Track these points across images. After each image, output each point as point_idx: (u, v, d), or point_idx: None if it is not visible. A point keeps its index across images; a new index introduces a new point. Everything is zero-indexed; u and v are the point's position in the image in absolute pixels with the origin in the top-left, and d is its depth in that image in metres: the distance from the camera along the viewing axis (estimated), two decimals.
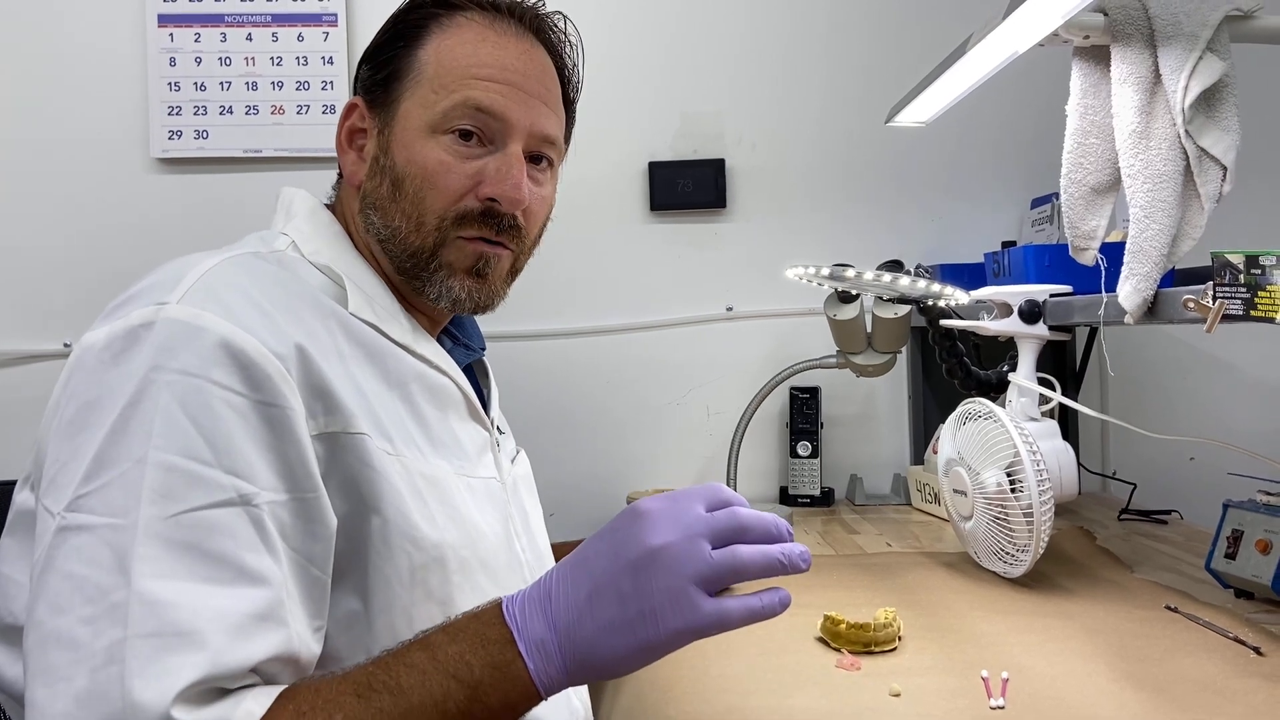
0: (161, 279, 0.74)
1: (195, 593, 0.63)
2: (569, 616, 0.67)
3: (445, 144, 0.86)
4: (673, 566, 0.66)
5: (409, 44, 0.89)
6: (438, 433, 0.85)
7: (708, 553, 0.67)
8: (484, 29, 0.89)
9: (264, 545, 0.67)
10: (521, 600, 0.69)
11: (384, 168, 0.88)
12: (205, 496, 0.65)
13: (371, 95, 0.90)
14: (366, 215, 0.89)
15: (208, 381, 0.67)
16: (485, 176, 0.87)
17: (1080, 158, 1.13)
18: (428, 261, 0.88)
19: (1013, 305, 1.31)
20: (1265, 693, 0.88)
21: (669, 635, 0.66)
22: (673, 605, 0.66)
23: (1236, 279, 0.93)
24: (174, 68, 1.89)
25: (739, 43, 1.97)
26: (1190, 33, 1.05)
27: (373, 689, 0.65)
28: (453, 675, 0.65)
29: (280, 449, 0.70)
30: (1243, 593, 1.15)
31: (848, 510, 1.83)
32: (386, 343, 0.83)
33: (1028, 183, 1.94)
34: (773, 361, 1.89)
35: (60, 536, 0.64)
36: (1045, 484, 1.15)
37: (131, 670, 0.59)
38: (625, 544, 0.68)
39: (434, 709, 0.64)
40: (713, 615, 0.66)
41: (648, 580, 0.66)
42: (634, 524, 0.68)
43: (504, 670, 0.66)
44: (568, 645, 0.67)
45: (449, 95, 0.86)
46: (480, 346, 1.04)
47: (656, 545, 0.66)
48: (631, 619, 0.66)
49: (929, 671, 0.96)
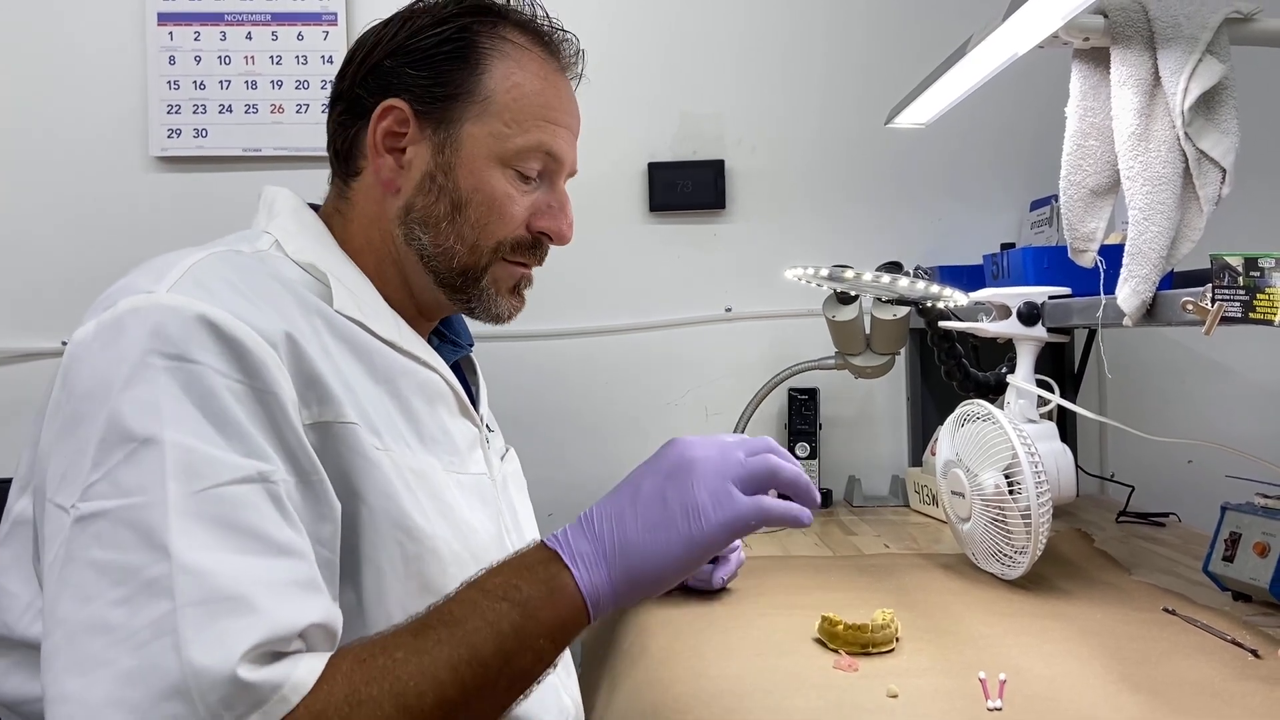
0: (146, 272, 0.74)
1: (235, 563, 0.63)
2: (612, 525, 0.71)
3: (509, 177, 0.90)
4: (712, 469, 0.72)
5: (469, 64, 0.88)
6: (428, 427, 0.85)
7: (744, 459, 0.74)
8: (543, 64, 0.92)
9: (286, 521, 0.67)
10: (563, 529, 0.73)
11: (442, 187, 0.88)
12: (226, 474, 0.65)
13: (423, 106, 0.89)
14: (409, 228, 0.89)
15: (206, 367, 0.67)
16: (539, 210, 0.92)
17: (1079, 160, 1.13)
18: (477, 279, 0.91)
19: (1011, 307, 1.31)
20: (1262, 695, 0.88)
21: (712, 529, 0.71)
22: (714, 500, 0.71)
23: (1235, 281, 0.93)
24: (173, 66, 1.89)
25: (739, 44, 1.97)
26: (1190, 35, 1.05)
27: (428, 625, 0.67)
28: (502, 598, 0.68)
29: (280, 433, 0.70)
30: (1240, 595, 1.15)
31: (845, 511, 1.83)
32: (372, 339, 0.83)
33: (1027, 185, 1.94)
34: (771, 362, 1.89)
35: (77, 527, 0.63)
36: (1043, 486, 1.15)
37: (186, 639, 0.59)
38: (665, 458, 0.74)
39: (488, 630, 0.67)
40: (752, 507, 0.72)
41: (688, 482, 0.72)
42: (671, 447, 0.75)
43: (551, 584, 0.69)
44: (612, 551, 0.70)
45: (524, 134, 0.89)
46: (468, 343, 1.03)
47: (696, 455, 0.73)
48: (674, 516, 0.71)
49: (926, 673, 0.96)
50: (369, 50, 0.92)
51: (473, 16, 0.90)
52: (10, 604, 0.73)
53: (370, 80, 0.90)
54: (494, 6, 0.91)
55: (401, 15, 0.92)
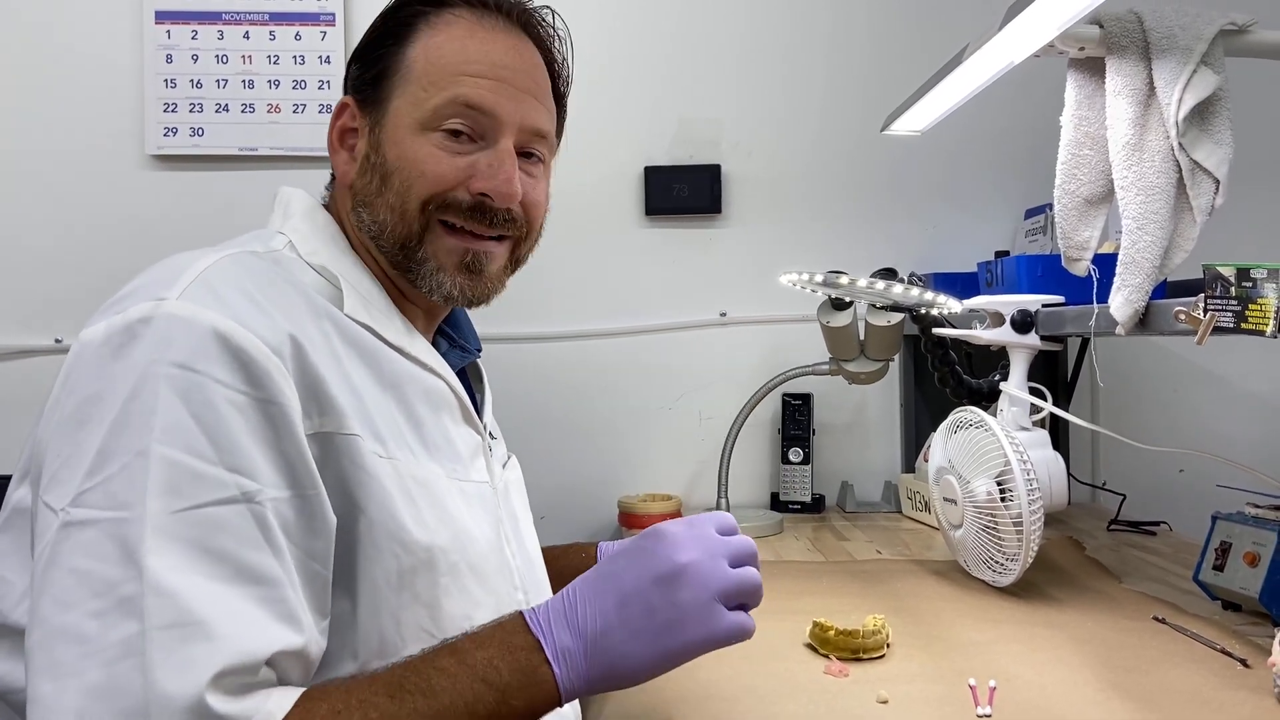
0: (160, 275, 0.74)
1: (204, 587, 0.63)
2: (595, 625, 0.71)
3: (436, 140, 0.86)
4: (698, 581, 0.72)
5: (398, 42, 0.89)
6: (431, 435, 0.85)
7: (728, 570, 0.74)
8: (472, 25, 0.89)
9: (267, 543, 0.67)
10: (545, 611, 0.73)
11: (374, 164, 0.88)
12: (209, 493, 0.65)
13: (361, 94, 0.90)
14: (358, 213, 0.89)
15: (207, 378, 0.67)
16: (477, 171, 0.87)
17: (1074, 169, 1.13)
18: (415, 251, 0.87)
19: (1005, 315, 1.32)
20: (1252, 704, 0.89)
21: (692, 644, 0.72)
22: (697, 616, 0.72)
23: (1228, 291, 0.93)
24: (170, 64, 1.89)
25: (736, 49, 1.97)
26: (1185, 46, 1.05)
27: (405, 690, 0.67)
28: (482, 679, 0.69)
29: (280, 446, 0.70)
30: (1230, 605, 1.15)
31: (838, 517, 1.83)
32: (381, 345, 0.83)
33: (1021, 193, 1.95)
34: (766, 367, 1.89)
35: (64, 532, 0.64)
36: (1035, 493, 1.15)
37: (154, 662, 0.60)
38: (653, 559, 0.74)
39: (464, 710, 0.67)
40: (733, 626, 0.73)
41: (675, 592, 0.72)
42: (659, 543, 0.75)
43: (530, 675, 0.70)
44: (594, 652, 0.71)
45: (439, 92, 0.86)
46: (476, 348, 1.03)
47: (684, 561, 0.73)
48: (658, 627, 0.71)
49: (917, 679, 0.96)
50: None
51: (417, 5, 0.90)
52: (6, 591, 0.73)
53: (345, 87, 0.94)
54: None
55: None
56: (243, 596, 0.64)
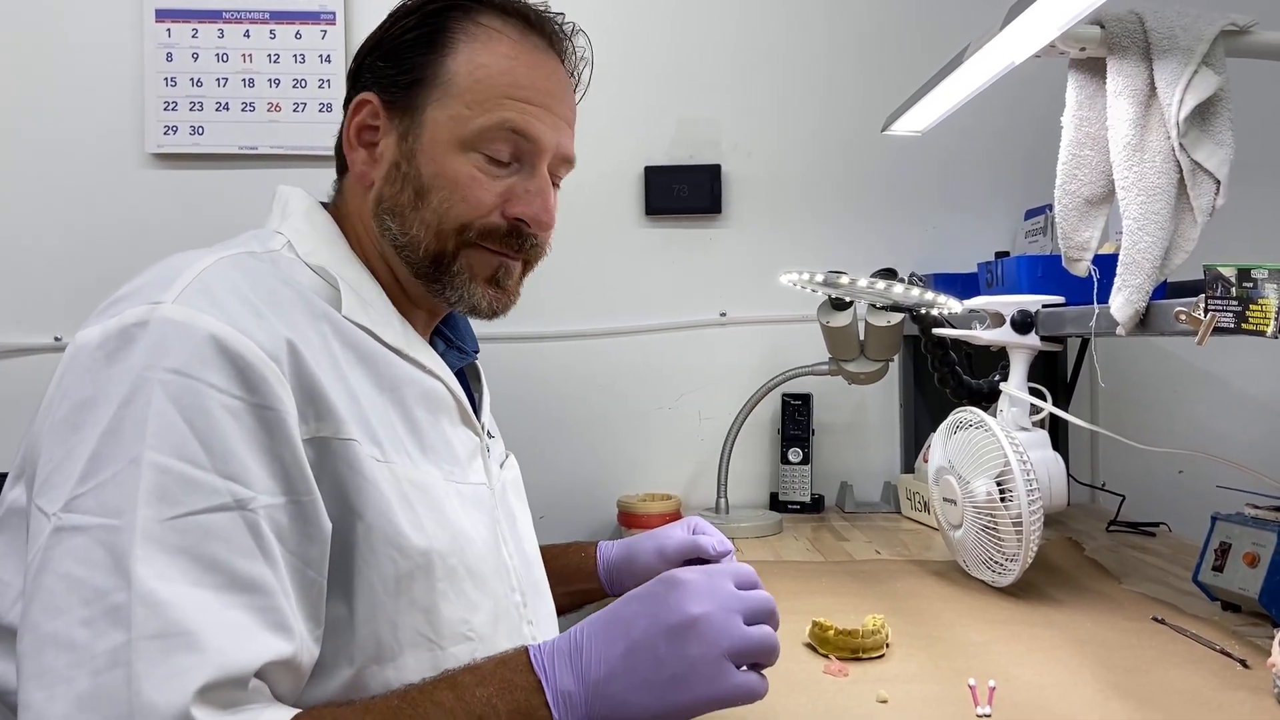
0: (156, 278, 0.73)
1: (193, 597, 0.63)
2: (599, 671, 0.69)
3: (475, 161, 0.86)
4: (710, 636, 0.70)
5: (436, 49, 0.87)
6: (429, 438, 0.84)
7: (742, 628, 0.71)
8: (515, 44, 0.88)
9: (260, 551, 0.66)
10: (550, 650, 0.71)
11: (406, 175, 0.87)
12: (201, 501, 0.65)
13: (390, 96, 0.88)
14: (381, 220, 0.88)
15: (203, 383, 0.67)
16: (514, 196, 0.88)
17: (1074, 169, 1.13)
18: (449, 265, 0.88)
19: (1005, 315, 1.32)
20: (1251, 705, 0.89)
21: (698, 701, 0.69)
22: (706, 673, 0.69)
23: (1229, 292, 0.93)
24: (170, 63, 1.89)
25: (736, 49, 1.97)
26: (1186, 47, 1.05)
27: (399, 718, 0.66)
28: (478, 716, 0.67)
29: (276, 451, 0.69)
30: (1230, 605, 1.15)
31: (837, 517, 1.83)
32: (379, 347, 0.83)
33: (1022, 194, 1.95)
34: (765, 367, 1.89)
35: (56, 537, 0.63)
36: (1035, 494, 1.15)
37: (139, 672, 0.59)
38: (665, 608, 0.71)
39: None
40: (742, 688, 0.70)
41: (684, 646, 0.69)
42: (673, 591, 0.72)
43: (528, 717, 0.68)
44: (596, 699, 0.69)
45: (485, 114, 0.86)
46: (474, 349, 1.03)
47: (696, 614, 0.70)
48: (665, 681, 0.69)
49: (916, 679, 0.96)
50: (359, 51, 0.93)
51: (449, 5, 0.89)
52: (3, 591, 0.73)
53: (356, 79, 0.92)
54: None
55: (392, 13, 0.92)
56: (233, 605, 0.64)
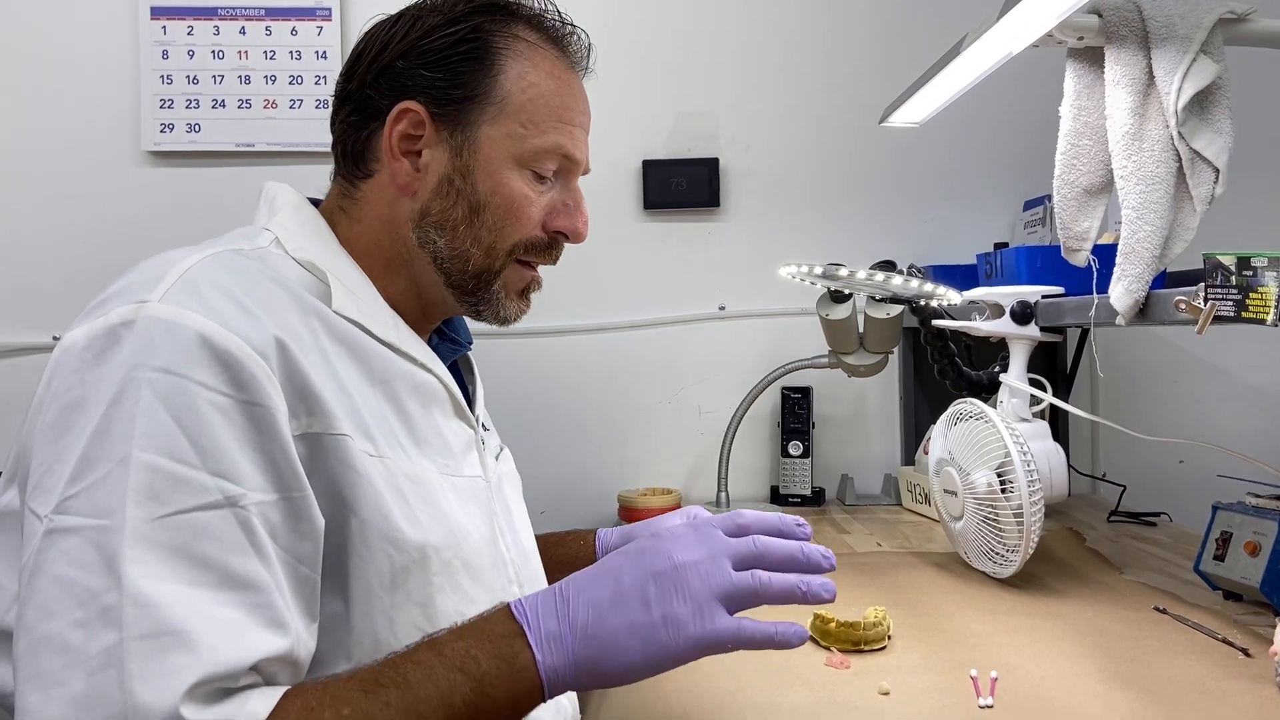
0: (142, 277, 0.73)
1: (185, 595, 0.63)
2: (588, 615, 0.69)
3: (527, 178, 0.89)
4: (697, 580, 0.70)
5: (485, 65, 0.87)
6: (423, 431, 0.84)
7: (730, 572, 0.71)
8: (556, 63, 0.91)
9: (252, 548, 0.66)
10: (533, 600, 0.71)
11: (460, 191, 0.87)
12: (191, 499, 0.65)
13: (439, 109, 0.87)
14: (425, 232, 0.88)
15: (191, 381, 0.67)
16: (555, 210, 0.91)
17: (1073, 159, 1.13)
18: (489, 282, 0.90)
19: (1005, 306, 1.32)
20: (1253, 694, 0.89)
21: (687, 644, 0.69)
22: (695, 615, 0.69)
23: (1228, 280, 0.93)
24: (166, 60, 1.88)
25: (734, 42, 1.97)
26: (1184, 35, 1.05)
27: (380, 684, 0.66)
28: (459, 669, 0.67)
29: (266, 449, 0.69)
30: (1231, 594, 1.15)
31: (838, 510, 1.83)
32: (370, 340, 0.83)
33: (1020, 185, 1.94)
34: (765, 361, 1.88)
35: (48, 540, 0.63)
36: (1035, 485, 1.15)
37: (131, 673, 0.59)
38: (652, 557, 0.71)
39: (439, 701, 0.65)
40: (730, 630, 0.69)
41: (673, 589, 0.69)
42: (660, 542, 0.72)
43: (511, 663, 0.68)
44: (583, 642, 0.68)
45: (540, 135, 0.88)
46: (467, 341, 1.03)
47: (683, 560, 0.70)
48: (654, 623, 0.68)
49: (918, 670, 0.96)
50: (379, 50, 0.89)
51: (484, 15, 0.89)
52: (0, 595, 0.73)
53: (382, 81, 0.88)
54: (505, 4, 0.90)
55: (411, 14, 0.90)
56: (226, 603, 0.64)
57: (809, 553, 0.74)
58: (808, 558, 0.74)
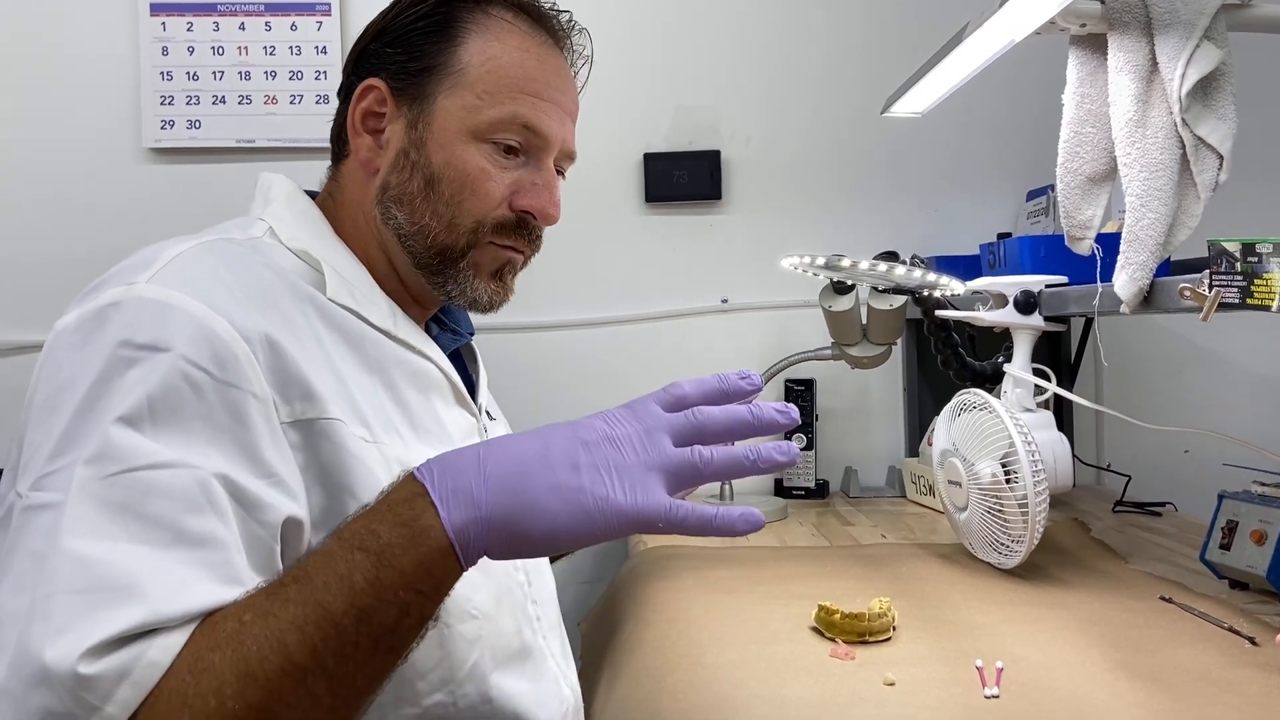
0: (133, 262, 0.74)
1: (131, 552, 0.60)
2: (507, 467, 0.63)
3: (485, 152, 0.87)
4: (631, 453, 0.63)
5: (447, 37, 0.87)
6: (421, 418, 0.84)
7: (668, 449, 0.64)
8: (525, 37, 0.89)
9: (210, 506, 0.64)
10: (443, 457, 0.65)
11: (415, 163, 0.87)
12: (145, 458, 0.63)
13: (399, 83, 0.88)
14: (386, 207, 0.88)
15: (173, 355, 0.66)
16: (521, 188, 0.89)
17: (1076, 147, 1.12)
18: (456, 260, 0.88)
19: (1008, 296, 1.31)
20: (1260, 683, 0.88)
21: (615, 516, 0.62)
22: (626, 488, 0.62)
23: (1233, 267, 0.93)
24: (166, 57, 1.88)
25: (734, 35, 1.96)
26: (1187, 21, 1.04)
27: (282, 583, 0.62)
28: (358, 547, 0.61)
29: (235, 431, 0.68)
30: (1237, 583, 1.15)
31: (842, 502, 1.82)
32: (366, 328, 0.83)
33: (1023, 175, 1.94)
34: (768, 353, 1.88)
35: (24, 516, 0.63)
36: (1040, 475, 1.15)
37: (56, 626, 0.57)
38: (584, 428, 0.65)
39: (339, 584, 0.60)
40: (661, 508, 0.62)
41: (603, 459, 0.63)
42: (593, 418, 0.66)
43: (412, 526, 0.61)
44: (499, 495, 0.62)
45: (497, 106, 0.86)
46: (469, 331, 1.03)
47: (615, 434, 0.64)
48: (581, 487, 0.62)
49: (923, 661, 0.96)
50: (361, 37, 0.92)
51: None
52: None
53: (358, 65, 0.91)
54: None
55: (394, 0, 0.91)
56: (179, 561, 0.61)
57: (760, 413, 0.66)
58: (758, 419, 0.65)
